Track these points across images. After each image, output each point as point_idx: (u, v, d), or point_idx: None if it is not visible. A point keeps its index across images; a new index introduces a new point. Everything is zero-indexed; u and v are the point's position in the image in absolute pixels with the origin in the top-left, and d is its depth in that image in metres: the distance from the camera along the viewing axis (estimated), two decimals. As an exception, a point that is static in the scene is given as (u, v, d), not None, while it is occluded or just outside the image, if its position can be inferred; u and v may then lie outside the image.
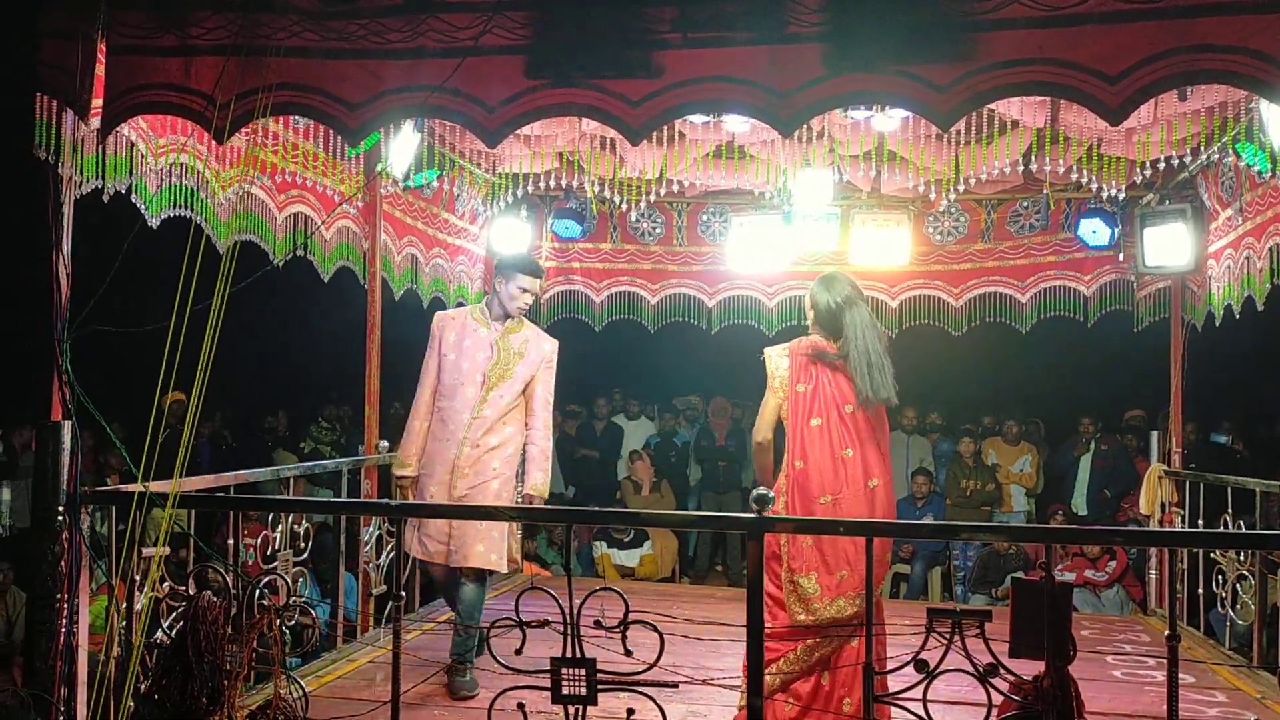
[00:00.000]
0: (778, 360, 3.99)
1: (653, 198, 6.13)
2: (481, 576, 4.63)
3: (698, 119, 5.06)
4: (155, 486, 3.58)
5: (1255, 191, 5.52)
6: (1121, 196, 6.20)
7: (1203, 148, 5.24)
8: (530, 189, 6.48)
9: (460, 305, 6.43)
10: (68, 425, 3.73)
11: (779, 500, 3.85)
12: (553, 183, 6.53)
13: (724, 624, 3.68)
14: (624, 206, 6.34)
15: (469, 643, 4.57)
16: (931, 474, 9.35)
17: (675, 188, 5.82)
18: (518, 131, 3.94)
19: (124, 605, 3.67)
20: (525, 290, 4.70)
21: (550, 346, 4.80)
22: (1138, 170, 5.38)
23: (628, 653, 3.09)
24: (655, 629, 3.13)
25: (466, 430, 4.58)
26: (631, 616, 3.13)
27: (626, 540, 8.86)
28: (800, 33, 3.34)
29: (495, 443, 4.60)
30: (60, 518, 3.68)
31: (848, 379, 3.88)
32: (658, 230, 7.81)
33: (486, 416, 4.59)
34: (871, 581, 3.25)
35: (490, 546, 4.55)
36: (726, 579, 9.76)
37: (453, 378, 4.65)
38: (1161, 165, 5.16)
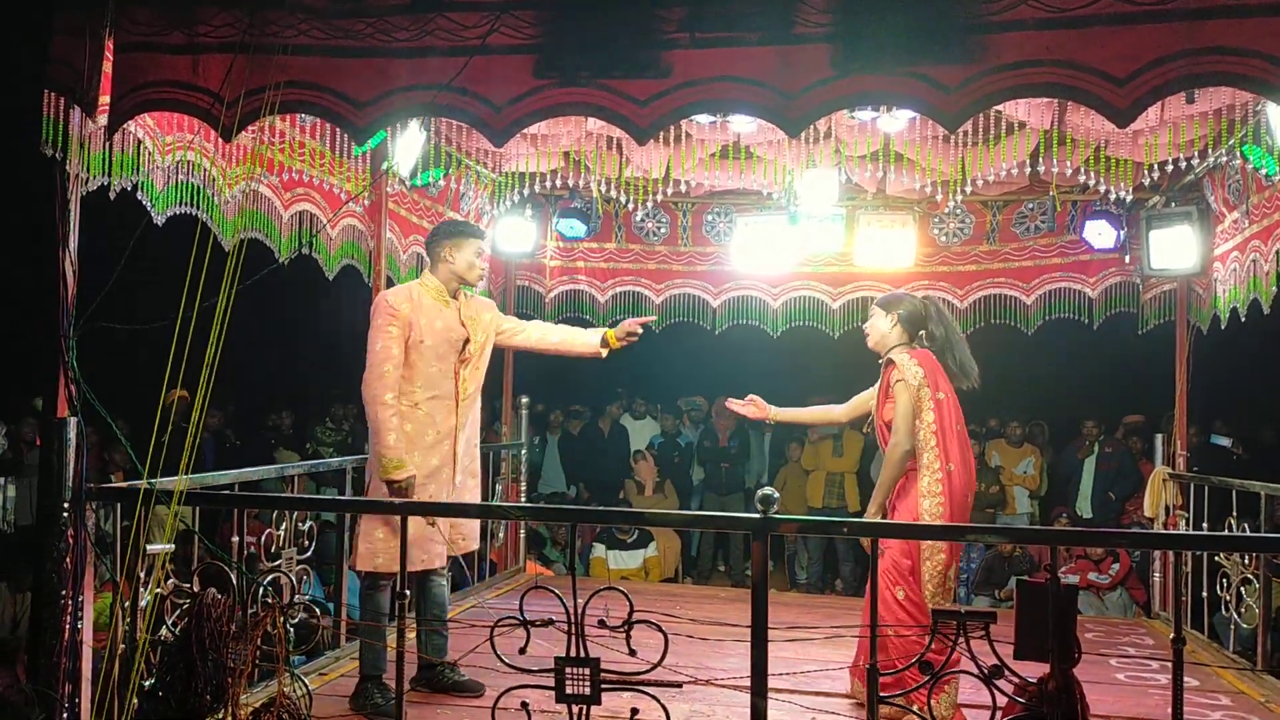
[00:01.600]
0: (913, 368, 4.18)
1: (658, 198, 6.13)
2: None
3: (704, 119, 5.06)
4: (159, 483, 3.59)
5: (1262, 194, 5.50)
6: (1128, 199, 6.20)
7: (1210, 150, 5.23)
8: (535, 188, 6.48)
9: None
10: (73, 422, 3.74)
11: (928, 502, 4.11)
12: (558, 182, 6.52)
13: (728, 624, 3.68)
14: (629, 206, 6.32)
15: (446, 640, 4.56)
16: (935, 475, 9.35)
17: (681, 188, 5.82)
18: (523, 131, 3.94)
19: (128, 602, 3.67)
20: (481, 254, 4.55)
21: (493, 303, 4.76)
22: (1144, 173, 5.37)
23: (631, 652, 3.09)
24: (659, 629, 3.13)
25: (458, 417, 4.44)
26: (635, 616, 3.14)
27: (630, 541, 8.86)
28: (808, 33, 3.34)
29: (473, 420, 4.58)
30: (65, 514, 3.69)
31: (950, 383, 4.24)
32: (663, 230, 7.81)
33: (471, 395, 4.51)
34: (877, 582, 3.25)
35: (472, 528, 4.62)
36: (729, 579, 9.78)
37: (432, 366, 4.35)
38: (1169, 168, 5.15)
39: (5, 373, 8.35)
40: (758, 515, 3.18)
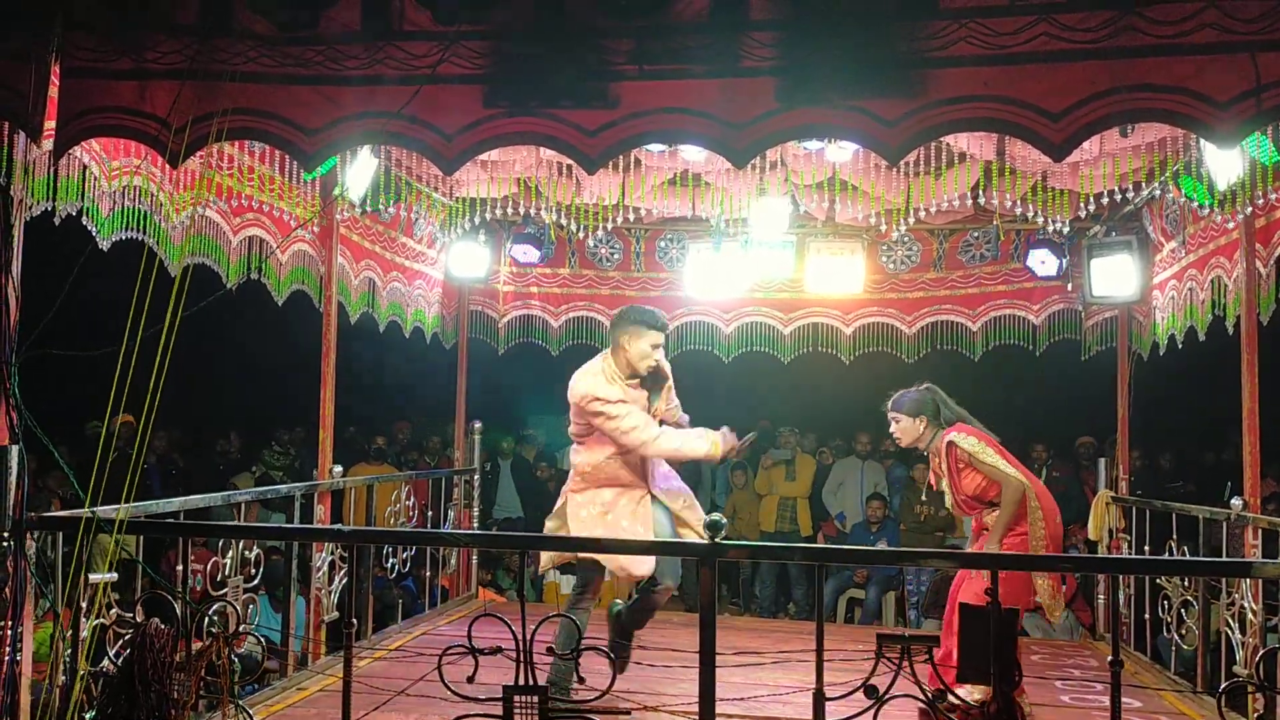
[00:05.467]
0: (971, 442, 4.67)
1: (609, 226, 6.17)
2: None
3: (655, 147, 5.12)
4: (102, 512, 3.54)
5: (1198, 225, 5.67)
6: (1065, 229, 6.34)
7: (1144, 183, 5.38)
8: (489, 214, 6.49)
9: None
10: (15, 450, 3.67)
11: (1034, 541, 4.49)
12: (510, 209, 6.55)
13: (676, 650, 3.70)
14: (580, 234, 6.36)
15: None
16: (886, 499, 9.46)
17: (633, 215, 5.86)
18: (476, 158, 3.96)
19: (69, 632, 3.60)
20: (657, 346, 4.57)
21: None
22: (1084, 203, 5.50)
23: (580, 680, 3.10)
24: (608, 656, 3.14)
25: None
26: (585, 643, 3.15)
27: (584, 566, 8.81)
28: (754, 66, 3.40)
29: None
30: (5, 543, 3.62)
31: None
32: (616, 256, 7.85)
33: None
34: (821, 607, 3.28)
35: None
36: (683, 604, 9.76)
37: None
38: (1105, 200, 5.28)
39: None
40: (705, 542, 3.20)
